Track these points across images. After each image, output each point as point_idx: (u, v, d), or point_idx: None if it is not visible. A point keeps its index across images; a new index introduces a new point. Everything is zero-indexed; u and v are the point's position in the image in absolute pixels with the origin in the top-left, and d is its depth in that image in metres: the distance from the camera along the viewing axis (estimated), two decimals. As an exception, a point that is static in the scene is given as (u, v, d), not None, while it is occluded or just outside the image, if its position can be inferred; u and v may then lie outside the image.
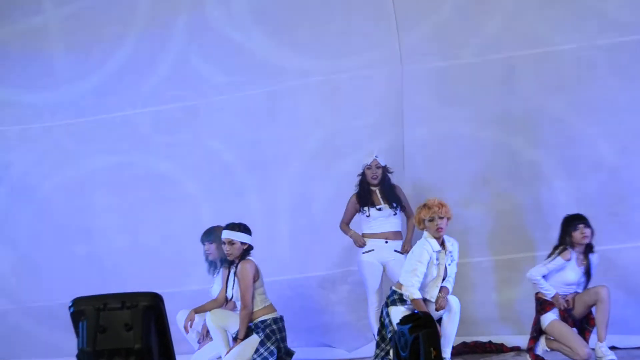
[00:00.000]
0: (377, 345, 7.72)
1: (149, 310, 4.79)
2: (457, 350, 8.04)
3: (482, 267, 8.69)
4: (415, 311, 7.14)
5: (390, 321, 7.48)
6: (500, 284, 8.69)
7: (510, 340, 8.65)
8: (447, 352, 7.46)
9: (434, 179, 8.87)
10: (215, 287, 8.42)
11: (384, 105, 9.10)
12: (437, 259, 7.50)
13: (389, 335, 7.47)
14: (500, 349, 8.66)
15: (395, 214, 8.47)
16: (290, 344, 7.92)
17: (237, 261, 7.74)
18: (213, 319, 7.74)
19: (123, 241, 9.83)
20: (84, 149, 9.98)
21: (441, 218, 7.50)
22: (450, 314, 7.48)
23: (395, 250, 8.43)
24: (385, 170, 8.54)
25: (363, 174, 8.58)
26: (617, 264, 8.36)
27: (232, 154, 9.43)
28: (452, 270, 7.60)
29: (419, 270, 7.44)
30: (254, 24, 9.51)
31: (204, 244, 8.49)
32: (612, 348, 8.02)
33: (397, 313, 7.40)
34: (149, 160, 9.58)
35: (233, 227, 7.78)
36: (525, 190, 8.71)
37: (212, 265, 8.50)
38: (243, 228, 7.80)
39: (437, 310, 7.43)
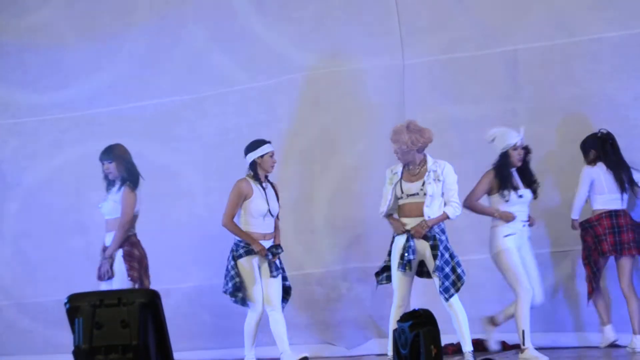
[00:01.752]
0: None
1: (145, 307, 4.76)
2: (457, 348, 7.99)
3: (482, 264, 8.62)
4: (416, 309, 7.07)
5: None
6: (501, 281, 8.62)
7: (510, 339, 8.60)
8: (467, 345, 7.44)
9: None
10: (107, 205, 8.13)
11: (385, 99, 9.05)
12: (395, 180, 7.48)
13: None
14: (502, 347, 8.61)
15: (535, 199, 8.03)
16: (290, 340, 7.88)
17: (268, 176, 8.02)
18: None
19: (119, 237, 9.77)
20: (78, 144, 9.93)
21: (397, 143, 7.44)
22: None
23: None
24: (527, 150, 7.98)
25: (506, 155, 7.90)
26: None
27: (230, 148, 9.37)
28: (432, 189, 7.41)
29: (384, 191, 7.53)
30: (253, 15, 9.45)
31: (103, 163, 8.17)
32: (615, 345, 8.01)
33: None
34: (145, 155, 9.52)
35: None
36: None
37: (111, 184, 8.17)
38: None
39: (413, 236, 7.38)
